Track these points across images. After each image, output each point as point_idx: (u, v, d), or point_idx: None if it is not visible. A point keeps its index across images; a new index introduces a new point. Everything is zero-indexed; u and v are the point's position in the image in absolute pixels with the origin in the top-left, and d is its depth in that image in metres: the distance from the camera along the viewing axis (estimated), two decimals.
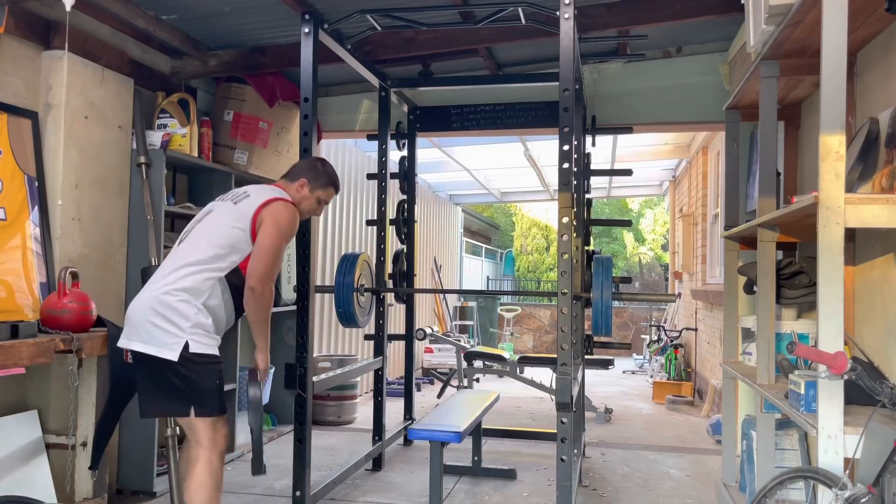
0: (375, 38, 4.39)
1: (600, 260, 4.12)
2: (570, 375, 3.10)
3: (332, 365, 6.08)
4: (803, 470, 2.46)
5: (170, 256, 2.91)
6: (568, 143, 3.18)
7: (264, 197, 2.94)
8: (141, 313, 2.74)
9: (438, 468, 3.53)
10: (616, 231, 24.12)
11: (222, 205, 2.99)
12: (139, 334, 2.72)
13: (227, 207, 2.95)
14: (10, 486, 3.19)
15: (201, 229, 2.91)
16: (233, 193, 3.05)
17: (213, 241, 2.84)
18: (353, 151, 7.59)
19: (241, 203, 2.93)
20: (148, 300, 2.75)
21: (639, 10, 4.15)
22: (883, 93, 2.85)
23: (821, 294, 2.19)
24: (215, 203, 3.04)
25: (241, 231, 2.86)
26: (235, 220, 2.88)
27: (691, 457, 5.22)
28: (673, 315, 10.52)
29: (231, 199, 3.00)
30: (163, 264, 2.90)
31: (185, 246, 2.88)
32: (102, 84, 3.88)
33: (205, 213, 3.01)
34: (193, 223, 2.99)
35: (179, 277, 2.76)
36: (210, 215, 2.96)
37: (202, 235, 2.88)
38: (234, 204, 2.95)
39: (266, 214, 2.88)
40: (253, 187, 3.06)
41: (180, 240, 2.95)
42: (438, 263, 11.12)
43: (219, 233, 2.86)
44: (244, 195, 2.98)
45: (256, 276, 2.82)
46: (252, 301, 2.85)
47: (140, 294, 2.84)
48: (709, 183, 7.63)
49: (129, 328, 2.78)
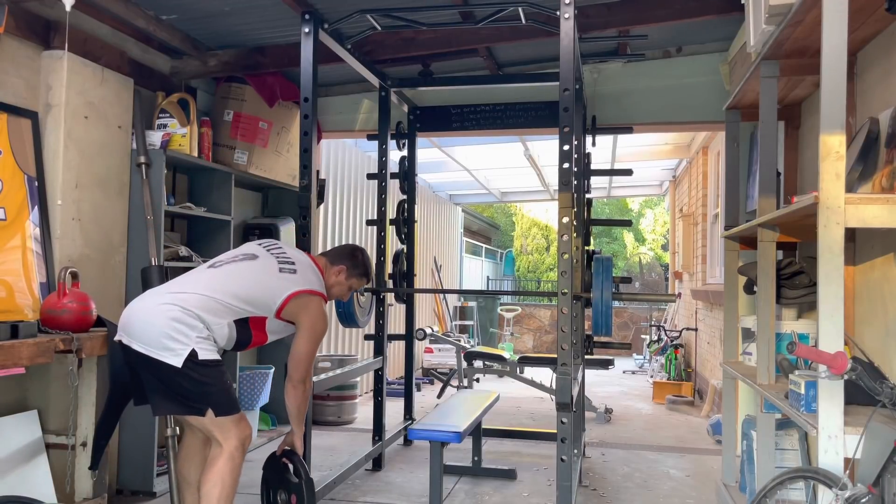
0: (375, 38, 4.39)
1: (600, 260, 4.12)
2: (570, 375, 3.10)
3: (332, 365, 6.09)
4: (803, 470, 2.46)
5: (198, 274, 2.95)
6: (568, 143, 3.18)
7: (303, 285, 2.99)
8: (151, 321, 2.72)
9: (438, 468, 3.53)
10: (616, 231, 24.12)
11: (269, 260, 3.03)
12: (142, 337, 2.71)
13: (273, 269, 3.00)
14: (10, 486, 3.19)
15: (243, 271, 2.96)
16: (280, 254, 3.09)
17: (247, 290, 2.90)
18: (353, 151, 7.58)
19: (285, 275, 2.99)
20: (163, 312, 2.73)
21: (639, 10, 4.15)
22: (883, 93, 2.85)
23: (821, 294, 2.19)
24: (261, 251, 3.08)
25: (272, 302, 2.94)
26: (273, 290, 2.94)
27: (691, 457, 5.22)
28: (673, 315, 10.52)
29: (277, 260, 3.04)
30: (188, 277, 2.93)
31: (220, 275, 2.92)
32: (102, 84, 3.88)
33: (249, 254, 3.05)
34: (235, 256, 3.04)
35: (202, 303, 2.78)
36: (255, 263, 3.00)
37: (241, 277, 2.93)
38: (279, 271, 3.00)
39: (300, 311, 2.97)
40: (299, 258, 3.11)
41: (215, 263, 3.00)
42: (438, 263, 11.12)
43: (254, 289, 2.92)
44: (290, 267, 3.03)
45: (299, 378, 3.02)
46: (295, 397, 3.06)
47: (152, 297, 2.82)
48: (709, 183, 7.63)
49: (132, 328, 2.75)
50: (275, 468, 3.40)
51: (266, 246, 3.14)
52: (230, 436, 2.80)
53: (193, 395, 2.75)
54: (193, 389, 2.74)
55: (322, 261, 3.24)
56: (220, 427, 2.80)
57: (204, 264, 3.07)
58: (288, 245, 3.25)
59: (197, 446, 3.01)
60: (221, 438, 2.80)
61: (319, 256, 3.30)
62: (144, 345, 2.70)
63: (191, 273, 2.98)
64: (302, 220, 3.72)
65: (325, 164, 6.81)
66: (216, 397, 2.78)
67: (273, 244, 3.17)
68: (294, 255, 3.12)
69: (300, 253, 3.21)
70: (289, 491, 3.35)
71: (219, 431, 2.80)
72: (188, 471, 3.02)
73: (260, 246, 3.13)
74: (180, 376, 2.70)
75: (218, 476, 2.75)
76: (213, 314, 2.79)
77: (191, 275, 2.96)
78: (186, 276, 2.95)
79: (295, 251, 3.20)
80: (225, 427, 2.80)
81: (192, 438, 3.03)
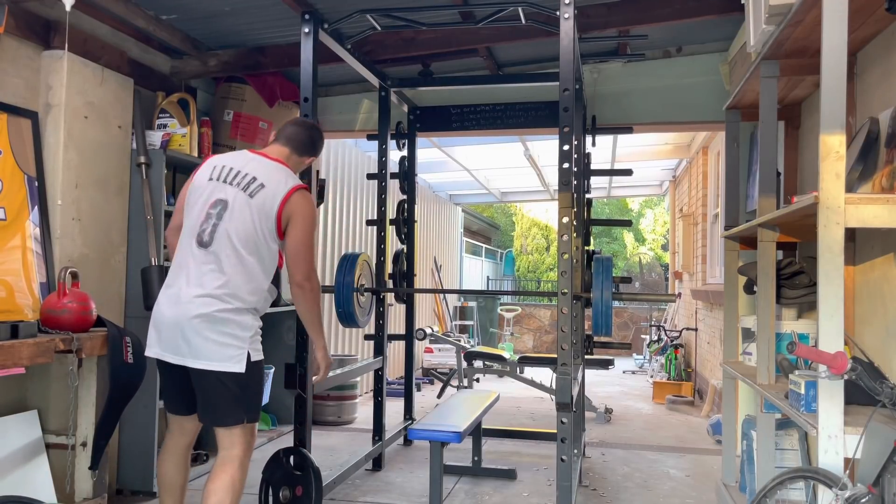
0: (375, 38, 4.39)
1: (600, 260, 4.12)
2: (570, 375, 3.10)
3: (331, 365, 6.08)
4: (803, 470, 2.46)
5: (198, 256, 2.78)
6: (568, 143, 3.18)
7: (282, 189, 2.83)
8: (190, 325, 2.69)
9: (438, 468, 3.53)
10: (616, 231, 24.12)
11: (237, 195, 2.82)
12: (192, 349, 2.69)
13: (245, 202, 2.80)
14: (10, 486, 3.19)
15: (229, 229, 2.78)
16: (240, 177, 2.85)
17: (249, 248, 2.79)
18: (353, 151, 7.58)
19: (258, 197, 2.81)
20: (197, 310, 2.69)
21: (639, 10, 4.15)
22: (883, 93, 2.85)
23: (821, 294, 2.19)
24: (224, 188, 2.84)
25: (269, 233, 2.82)
26: (260, 221, 2.80)
27: (691, 457, 5.22)
28: (673, 315, 10.52)
29: (241, 187, 2.83)
30: (192, 264, 2.78)
31: (223, 248, 2.77)
32: (102, 84, 3.88)
33: (218, 201, 2.82)
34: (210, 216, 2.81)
35: (230, 286, 2.73)
36: (232, 213, 2.80)
37: (235, 239, 2.77)
38: (250, 197, 2.81)
39: (293, 212, 2.83)
40: (258, 167, 2.89)
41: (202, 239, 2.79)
42: (438, 263, 11.12)
43: (252, 240, 2.79)
44: (256, 184, 2.83)
45: (303, 274, 2.87)
46: (303, 299, 2.91)
47: (176, 299, 2.74)
48: (709, 183, 7.63)
49: (175, 341, 2.71)
50: (276, 467, 3.42)
51: (222, 176, 2.87)
52: (244, 441, 2.78)
53: (240, 400, 2.74)
54: (242, 395, 2.74)
55: (283, 151, 3.02)
56: (241, 433, 2.77)
57: (189, 245, 2.82)
58: (243, 155, 2.97)
59: (182, 449, 2.96)
60: (237, 444, 2.76)
61: (278, 145, 3.03)
62: (202, 359, 2.69)
63: (195, 255, 2.79)
64: None
65: (325, 164, 6.81)
66: (254, 402, 2.79)
67: (229, 172, 2.88)
68: (253, 168, 2.88)
69: (259, 160, 2.94)
70: (293, 485, 3.36)
71: (238, 437, 2.76)
72: (172, 474, 2.93)
73: (217, 181, 2.86)
74: (235, 383, 2.71)
75: (230, 484, 2.71)
76: (256, 289, 2.80)
77: (199, 259, 2.78)
78: (197, 261, 2.78)
79: (254, 161, 2.92)
80: (245, 433, 2.79)
81: (179, 441, 2.95)
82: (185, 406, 2.88)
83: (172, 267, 2.87)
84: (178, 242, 2.89)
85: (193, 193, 2.90)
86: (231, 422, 2.75)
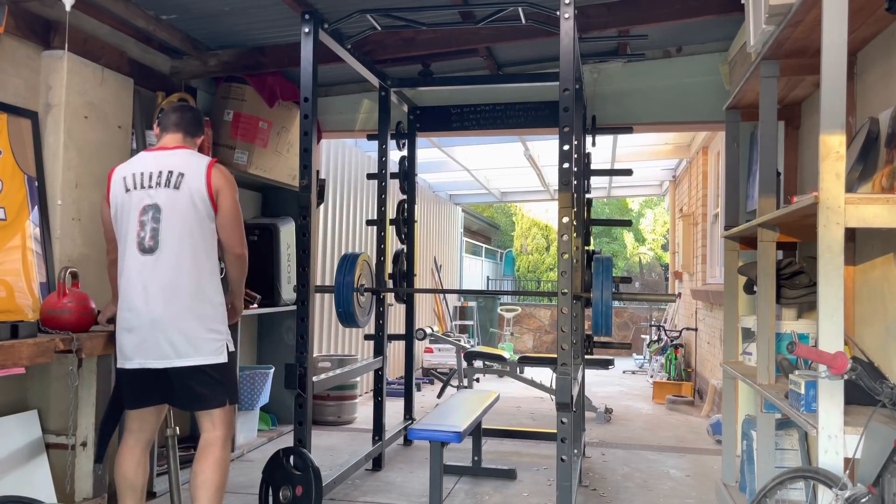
0: (375, 38, 4.39)
1: (600, 260, 4.12)
2: (570, 375, 3.10)
3: (332, 365, 6.08)
4: (803, 470, 2.46)
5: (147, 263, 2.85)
6: (568, 143, 3.18)
7: (201, 168, 2.94)
8: (171, 327, 2.82)
9: (438, 468, 3.53)
10: (616, 231, 24.12)
11: (164, 193, 2.88)
12: (176, 350, 2.83)
13: (174, 197, 2.88)
14: (10, 486, 3.19)
15: (171, 228, 2.86)
16: (157, 177, 2.91)
17: (194, 239, 2.90)
18: (353, 151, 7.58)
19: (184, 186, 2.89)
20: (173, 313, 2.83)
21: (639, 10, 4.15)
22: (883, 93, 2.85)
23: (821, 294, 2.19)
24: (148, 193, 2.89)
25: (207, 213, 2.94)
26: (195, 206, 2.89)
27: (691, 457, 5.22)
28: (673, 315, 10.52)
29: (164, 185, 2.89)
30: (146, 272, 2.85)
31: (171, 248, 2.85)
32: (102, 84, 3.88)
33: (147, 207, 2.88)
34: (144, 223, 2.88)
35: (191, 281, 2.87)
36: (167, 212, 2.87)
37: (179, 235, 2.87)
38: (176, 189, 2.89)
39: (220, 186, 2.96)
40: (167, 160, 2.95)
41: (144, 245, 2.86)
42: (438, 263, 11.12)
43: (195, 230, 2.90)
44: (175, 175, 2.90)
45: (239, 244, 3.06)
46: (239, 266, 3.11)
47: (145, 309, 2.83)
48: (709, 183, 7.63)
49: (156, 347, 2.83)
50: (276, 467, 3.42)
51: (141, 183, 2.92)
52: (225, 422, 2.98)
53: (220, 386, 2.94)
54: (222, 381, 2.94)
55: (177, 138, 3.07)
56: (222, 415, 2.97)
57: (133, 257, 2.88)
58: (146, 158, 3.02)
59: (143, 446, 3.03)
60: (218, 425, 2.95)
61: (170, 134, 3.07)
62: (189, 357, 2.84)
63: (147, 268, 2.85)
64: (302, 220, 3.72)
65: (325, 164, 6.81)
66: (233, 387, 3.03)
67: (142, 176, 2.93)
68: (166, 164, 2.94)
69: (164, 154, 3.00)
70: (293, 484, 3.36)
71: (219, 419, 2.96)
72: (133, 473, 2.98)
73: (141, 189, 2.91)
74: (218, 371, 2.91)
75: (215, 462, 2.90)
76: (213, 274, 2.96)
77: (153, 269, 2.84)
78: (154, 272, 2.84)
79: (161, 157, 2.98)
80: (226, 415, 2.98)
81: (139, 437, 3.03)
82: (150, 399, 2.99)
83: (122, 283, 2.93)
84: (119, 258, 2.96)
85: (116, 210, 2.97)
86: (214, 405, 2.94)
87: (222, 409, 2.96)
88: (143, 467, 3.01)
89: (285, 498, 3.39)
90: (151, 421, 3.05)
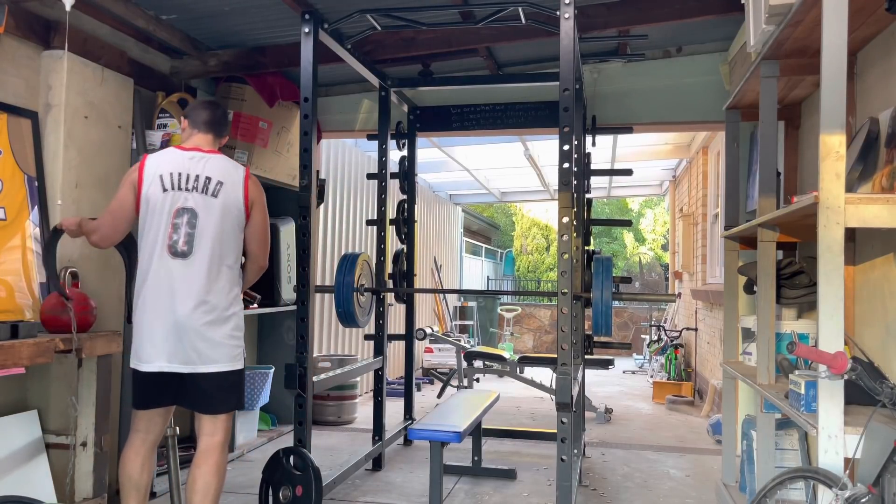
0: (375, 38, 4.39)
1: (600, 260, 4.12)
2: (570, 375, 3.10)
3: (332, 365, 6.08)
4: (803, 470, 2.46)
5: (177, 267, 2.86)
6: (568, 142, 3.18)
7: (239, 178, 3.01)
8: (197, 333, 2.85)
9: (438, 468, 3.53)
10: (616, 231, 24.11)
11: (202, 200, 2.90)
12: (201, 356, 2.86)
13: (212, 205, 2.92)
14: (10, 486, 3.19)
15: (205, 235, 2.89)
16: (195, 181, 2.92)
17: (226, 248, 2.96)
18: (353, 151, 7.58)
19: (222, 195, 2.94)
20: (201, 319, 2.86)
21: (639, 10, 4.15)
22: (883, 93, 2.85)
23: (821, 294, 2.19)
24: (185, 196, 2.90)
25: (239, 225, 3.03)
26: (230, 217, 2.97)
27: (691, 457, 5.22)
28: (673, 315, 10.52)
29: (202, 191, 2.91)
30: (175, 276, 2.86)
31: (204, 255, 2.89)
32: (102, 84, 3.88)
33: (182, 210, 2.88)
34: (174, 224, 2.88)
35: (219, 289, 2.92)
36: (203, 219, 2.90)
37: (213, 243, 2.91)
38: (214, 197, 2.92)
39: (255, 198, 3.05)
40: (206, 165, 2.95)
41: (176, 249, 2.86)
42: (438, 263, 11.12)
43: (227, 239, 2.96)
44: (214, 183, 2.93)
45: (265, 256, 3.15)
46: (256, 275, 3.19)
47: (171, 312, 2.83)
48: (709, 183, 7.63)
49: (180, 352, 2.85)
50: (276, 467, 3.42)
51: (181, 186, 2.91)
52: (226, 428, 3.01)
53: (236, 391, 3.00)
54: (238, 386, 3.01)
55: (208, 139, 3.07)
56: (226, 420, 3.01)
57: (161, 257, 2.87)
58: (183, 157, 2.98)
59: (149, 447, 3.04)
60: (220, 430, 2.98)
61: (201, 134, 3.06)
62: (212, 363, 2.89)
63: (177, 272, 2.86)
64: (302, 220, 3.72)
65: (325, 164, 6.81)
66: (242, 391, 3.08)
67: (179, 178, 2.92)
68: (204, 168, 2.94)
69: (201, 157, 2.98)
70: (293, 484, 3.37)
71: (222, 424, 2.99)
72: (138, 473, 2.98)
73: (178, 191, 2.90)
74: (236, 377, 2.97)
75: (215, 468, 2.93)
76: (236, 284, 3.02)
77: (184, 274, 2.86)
78: (184, 276, 2.86)
79: (199, 160, 2.97)
80: (229, 420, 3.02)
81: (146, 438, 3.02)
82: (162, 401, 2.99)
83: (148, 281, 2.89)
84: (143, 254, 2.94)
85: (147, 206, 2.93)
86: (224, 409, 2.98)
87: (228, 413, 3.00)
88: (148, 468, 3.00)
89: (285, 498, 3.39)
90: (159, 422, 3.04)
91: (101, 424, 3.33)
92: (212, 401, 2.94)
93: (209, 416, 2.96)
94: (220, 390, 2.93)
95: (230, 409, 3.01)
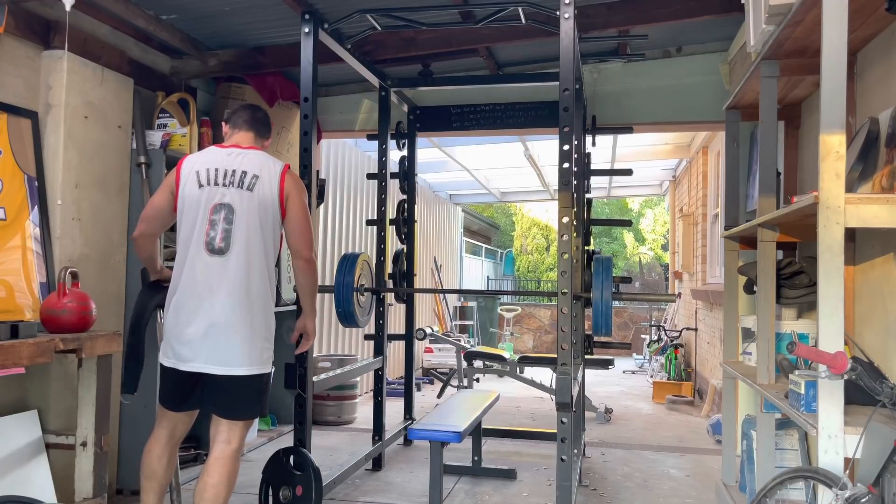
0: (375, 38, 4.39)
1: (600, 260, 4.12)
2: (570, 375, 3.10)
3: (332, 365, 6.08)
4: (803, 470, 2.46)
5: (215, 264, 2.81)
6: (568, 142, 3.18)
7: (275, 172, 2.94)
8: (234, 334, 2.80)
9: (438, 468, 3.53)
10: (616, 231, 24.11)
11: (238, 195, 2.86)
12: (233, 358, 2.80)
13: (248, 199, 2.87)
14: (10, 486, 3.19)
15: (242, 230, 2.84)
16: (232, 176, 2.89)
17: (265, 244, 2.90)
18: (353, 151, 7.58)
19: (258, 189, 2.88)
20: (238, 320, 2.81)
21: (639, 10, 4.15)
22: (883, 93, 2.85)
23: (821, 294, 2.19)
24: (221, 191, 2.86)
25: (276, 220, 2.95)
26: (267, 211, 2.90)
27: (691, 457, 5.22)
28: (673, 315, 10.52)
29: (238, 185, 2.87)
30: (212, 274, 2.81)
31: (241, 252, 2.83)
32: (102, 84, 3.88)
33: (219, 206, 2.85)
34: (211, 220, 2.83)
35: (256, 288, 2.87)
36: (241, 215, 2.85)
37: (250, 239, 2.85)
38: (250, 191, 2.88)
39: (290, 190, 2.95)
40: (243, 160, 2.93)
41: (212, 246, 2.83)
42: (438, 263, 11.12)
43: (266, 235, 2.91)
44: (250, 176, 2.89)
45: (308, 248, 3.00)
46: (307, 272, 3.05)
47: (209, 311, 2.78)
48: (709, 183, 7.63)
49: (215, 352, 2.78)
50: (276, 467, 3.42)
51: (217, 181, 2.88)
52: (242, 436, 2.90)
53: (262, 396, 2.93)
54: (264, 391, 2.93)
55: (249, 137, 3.06)
56: (243, 427, 2.91)
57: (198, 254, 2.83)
58: (221, 153, 2.96)
59: (173, 442, 3.02)
60: (235, 438, 2.87)
61: (242, 133, 3.05)
62: (245, 365, 2.82)
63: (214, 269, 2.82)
64: None
65: (325, 164, 6.81)
66: (266, 397, 2.98)
67: (216, 173, 2.89)
68: (242, 163, 2.92)
69: (239, 153, 2.97)
70: (293, 484, 3.37)
71: (239, 431, 2.88)
72: (157, 466, 2.95)
73: (215, 186, 2.87)
74: (263, 381, 2.91)
75: (227, 477, 2.81)
76: (272, 283, 2.96)
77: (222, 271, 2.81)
78: (222, 274, 2.81)
79: (236, 156, 2.95)
80: (245, 428, 2.92)
81: (171, 434, 3.00)
82: (187, 403, 2.94)
83: (184, 279, 2.84)
84: (180, 252, 2.90)
85: (184, 204, 2.91)
86: (246, 416, 2.89)
87: (247, 421, 2.91)
88: (168, 462, 2.97)
89: (285, 498, 3.39)
90: (187, 421, 3.01)
91: (101, 424, 3.33)
92: (238, 406, 2.85)
93: (228, 421, 2.85)
94: (248, 395, 2.85)
95: (251, 417, 2.91)
